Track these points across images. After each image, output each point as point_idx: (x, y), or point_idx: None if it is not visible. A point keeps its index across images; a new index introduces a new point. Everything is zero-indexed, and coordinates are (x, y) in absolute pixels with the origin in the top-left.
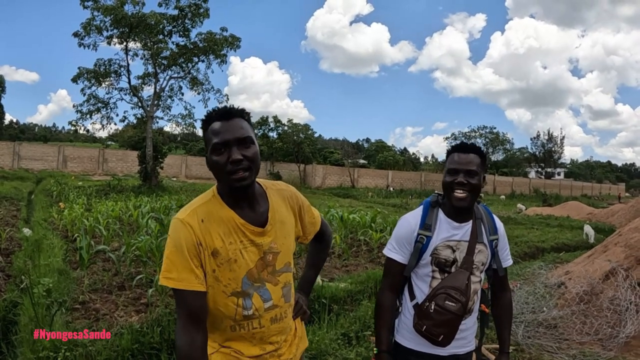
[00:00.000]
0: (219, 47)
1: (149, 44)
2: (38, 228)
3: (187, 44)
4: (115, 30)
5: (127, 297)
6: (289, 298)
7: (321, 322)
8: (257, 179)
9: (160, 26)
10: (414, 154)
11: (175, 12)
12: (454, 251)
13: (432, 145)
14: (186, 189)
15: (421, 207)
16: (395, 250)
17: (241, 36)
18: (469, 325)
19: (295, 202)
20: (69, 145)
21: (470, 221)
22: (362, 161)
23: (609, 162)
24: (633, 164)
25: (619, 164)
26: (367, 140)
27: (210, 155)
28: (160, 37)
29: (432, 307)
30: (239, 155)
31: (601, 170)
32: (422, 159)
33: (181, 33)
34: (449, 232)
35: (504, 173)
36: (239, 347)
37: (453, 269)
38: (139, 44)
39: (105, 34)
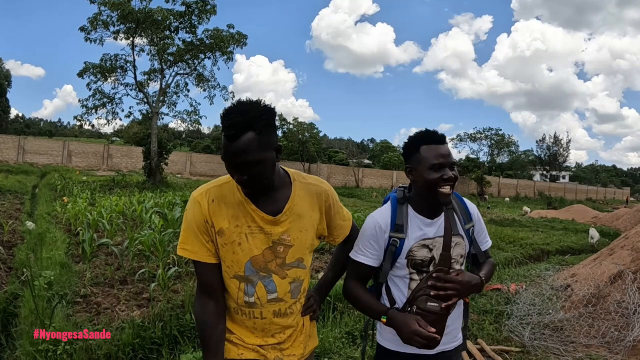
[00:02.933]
0: (226, 44)
1: (155, 40)
2: (41, 222)
3: (194, 40)
4: (122, 26)
5: (129, 291)
6: (297, 294)
7: (326, 321)
8: (288, 170)
9: (167, 22)
10: None
11: (183, 8)
12: (430, 250)
13: None
14: (191, 186)
15: (389, 206)
16: (363, 254)
17: (248, 35)
18: (453, 320)
19: (324, 201)
20: (74, 140)
21: (442, 215)
22: (367, 161)
23: (614, 166)
24: (639, 169)
25: (625, 169)
26: (372, 140)
27: None
28: (167, 33)
29: (415, 311)
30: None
31: (606, 174)
32: None
33: (188, 30)
34: (422, 230)
35: (509, 175)
36: (241, 334)
37: (431, 268)
38: (145, 40)
39: (112, 29)
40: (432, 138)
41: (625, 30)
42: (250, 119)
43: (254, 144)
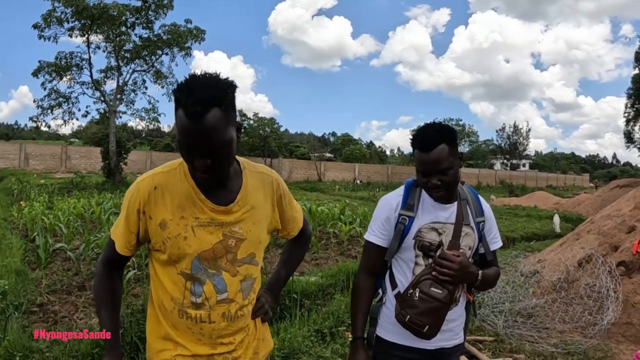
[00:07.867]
0: (183, 39)
1: (111, 37)
2: None
3: (151, 36)
4: (76, 22)
5: (87, 297)
6: (247, 294)
7: (293, 319)
8: (237, 157)
9: (123, 18)
10: (380, 147)
11: (139, 3)
12: (439, 234)
13: (397, 139)
14: None
15: (402, 187)
16: (374, 233)
17: (206, 30)
18: (457, 316)
19: (275, 190)
20: (31, 142)
21: (455, 202)
22: (328, 155)
23: (572, 153)
24: (597, 155)
25: (583, 155)
26: (333, 134)
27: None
28: (123, 29)
29: (417, 294)
30: None
31: (566, 161)
32: (388, 152)
33: (144, 25)
34: (434, 213)
35: (469, 165)
36: (186, 343)
37: (438, 254)
38: (101, 37)
39: (66, 25)
40: (420, 144)
41: (580, 21)
42: (216, 92)
43: (222, 122)
